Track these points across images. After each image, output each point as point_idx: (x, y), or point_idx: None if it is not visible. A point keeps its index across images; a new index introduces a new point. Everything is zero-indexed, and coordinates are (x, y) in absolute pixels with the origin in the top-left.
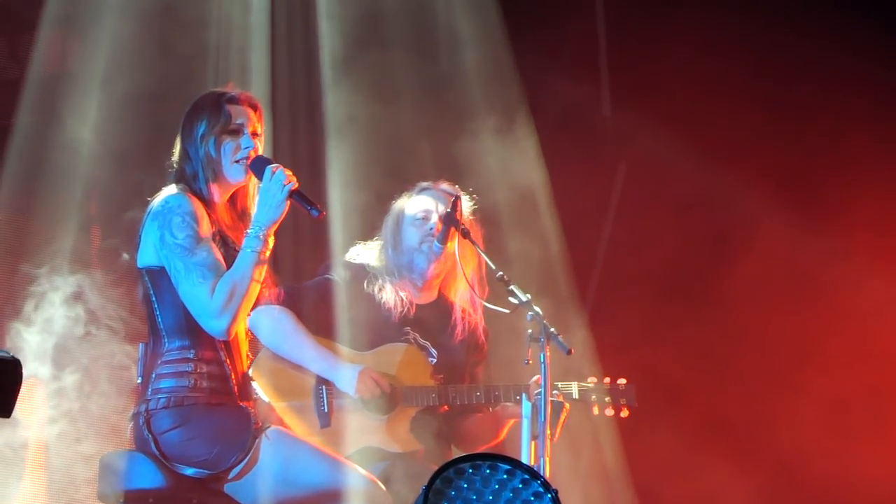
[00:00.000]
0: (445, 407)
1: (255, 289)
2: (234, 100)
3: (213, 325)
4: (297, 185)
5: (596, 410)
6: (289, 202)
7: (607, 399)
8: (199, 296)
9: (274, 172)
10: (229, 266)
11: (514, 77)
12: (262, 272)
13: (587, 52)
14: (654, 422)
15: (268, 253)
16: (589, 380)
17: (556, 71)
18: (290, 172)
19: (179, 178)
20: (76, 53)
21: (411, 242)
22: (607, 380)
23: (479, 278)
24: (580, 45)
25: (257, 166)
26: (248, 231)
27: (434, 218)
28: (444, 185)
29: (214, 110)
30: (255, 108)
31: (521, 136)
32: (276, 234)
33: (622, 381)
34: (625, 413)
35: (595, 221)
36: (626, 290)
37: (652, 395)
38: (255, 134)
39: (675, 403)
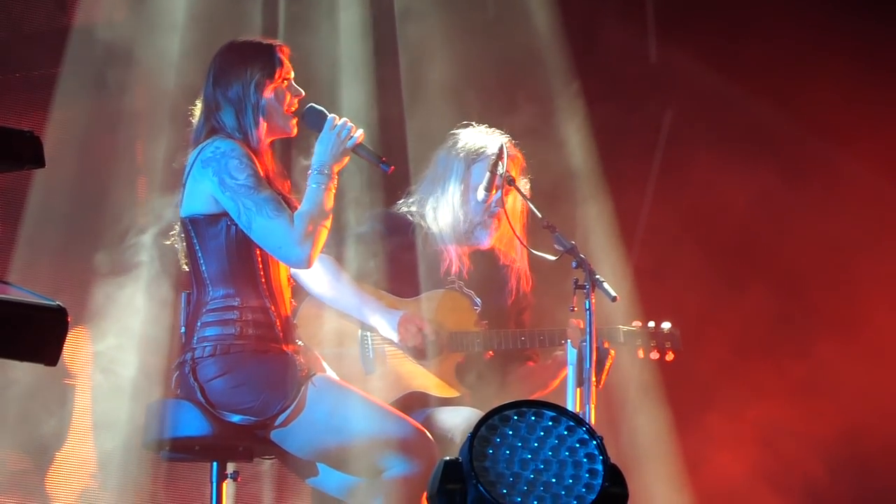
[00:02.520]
0: (490, 353)
1: (327, 226)
2: (282, 50)
3: (295, 252)
4: (362, 137)
5: (641, 354)
6: (347, 157)
7: (652, 342)
8: (277, 227)
9: (336, 124)
10: None
11: (558, 27)
12: (331, 206)
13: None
14: (699, 367)
15: (334, 189)
16: (633, 324)
17: (602, 19)
18: (352, 124)
19: (215, 130)
20: (124, 3)
21: (475, 213)
22: (652, 323)
23: (523, 226)
24: None
25: (314, 116)
26: (311, 171)
27: (498, 193)
28: (497, 136)
29: (268, 59)
30: (289, 60)
31: (564, 87)
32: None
33: (667, 324)
34: (670, 356)
35: (641, 169)
36: (673, 240)
37: (698, 343)
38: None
39: (721, 351)
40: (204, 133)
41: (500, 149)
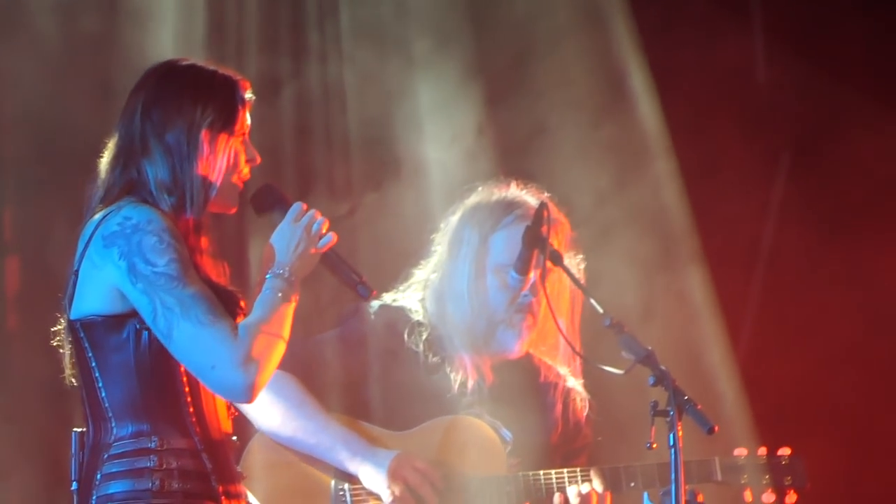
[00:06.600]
0: None
1: (283, 345)
2: (245, 87)
3: (235, 377)
4: (335, 240)
5: (749, 497)
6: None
7: (765, 479)
8: (211, 338)
9: (302, 215)
10: None
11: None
12: (290, 320)
13: None
14: None
15: (295, 300)
16: (736, 452)
17: (687, 23)
18: (324, 219)
19: (133, 187)
20: None
21: (495, 307)
22: (763, 450)
23: (572, 324)
24: None
25: (270, 199)
26: (270, 271)
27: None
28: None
29: (230, 100)
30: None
31: (639, 119)
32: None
33: (785, 451)
34: (791, 498)
35: (749, 235)
36: (792, 334)
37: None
38: None
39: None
40: (117, 189)
41: (541, 210)
